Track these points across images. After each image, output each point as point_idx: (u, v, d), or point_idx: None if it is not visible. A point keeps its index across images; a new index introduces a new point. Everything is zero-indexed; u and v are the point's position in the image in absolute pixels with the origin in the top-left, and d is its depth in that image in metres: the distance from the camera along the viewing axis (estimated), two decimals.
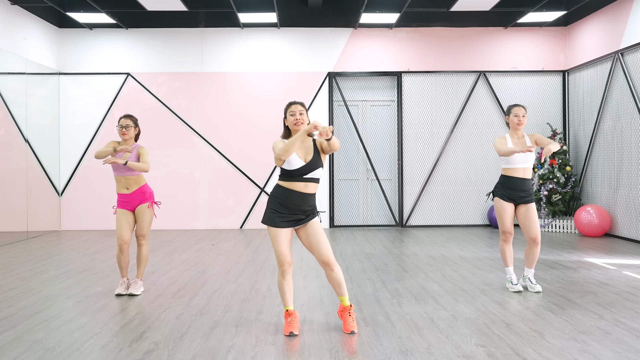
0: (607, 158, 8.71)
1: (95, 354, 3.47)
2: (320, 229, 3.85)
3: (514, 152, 4.83)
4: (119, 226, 4.97)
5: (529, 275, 5.07)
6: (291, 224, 3.81)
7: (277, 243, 3.79)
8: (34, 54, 9.08)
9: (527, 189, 4.98)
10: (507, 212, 4.99)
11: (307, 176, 3.78)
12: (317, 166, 3.81)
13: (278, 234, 3.78)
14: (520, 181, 4.96)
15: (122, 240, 4.96)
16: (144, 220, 5.02)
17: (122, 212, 5.00)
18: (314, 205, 3.88)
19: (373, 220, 10.17)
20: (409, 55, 10.00)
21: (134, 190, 4.98)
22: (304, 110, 3.85)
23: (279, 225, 3.78)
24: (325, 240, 3.83)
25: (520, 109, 4.99)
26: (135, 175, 4.98)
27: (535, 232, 4.92)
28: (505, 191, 5.00)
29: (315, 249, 3.81)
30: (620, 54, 8.30)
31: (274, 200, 3.84)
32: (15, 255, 7.20)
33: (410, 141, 10.02)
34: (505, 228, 5.01)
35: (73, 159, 9.87)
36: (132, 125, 5.00)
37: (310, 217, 3.84)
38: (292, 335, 3.79)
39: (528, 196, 4.97)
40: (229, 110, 9.92)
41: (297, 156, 3.77)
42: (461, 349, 3.51)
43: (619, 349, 3.48)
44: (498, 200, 5.04)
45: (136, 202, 5.01)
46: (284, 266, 3.79)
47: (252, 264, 6.48)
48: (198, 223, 9.90)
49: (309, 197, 3.81)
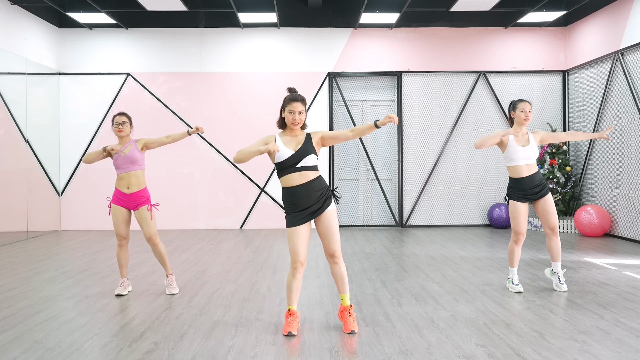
0: (607, 158, 8.71)
1: (95, 354, 3.47)
2: (334, 219, 3.83)
3: (494, 139, 4.85)
4: (116, 222, 4.92)
5: (558, 273, 5.02)
6: (308, 218, 3.80)
7: (293, 242, 3.79)
8: (34, 54, 9.09)
9: (539, 183, 4.92)
10: (521, 213, 4.93)
11: (299, 165, 3.76)
12: (308, 153, 3.78)
13: (294, 233, 3.79)
14: (528, 179, 4.91)
15: (122, 236, 4.93)
16: (148, 222, 4.95)
17: (118, 208, 4.93)
18: (323, 188, 3.82)
19: (373, 220, 10.17)
20: (409, 55, 10.00)
21: (133, 191, 4.93)
22: (303, 110, 3.82)
23: (296, 224, 3.79)
24: (336, 233, 3.83)
25: (527, 104, 4.96)
26: (139, 171, 4.96)
27: (553, 222, 4.90)
28: (518, 192, 4.96)
29: (325, 239, 3.83)
30: (620, 54, 8.30)
31: (285, 203, 3.87)
32: (15, 255, 7.20)
33: (410, 141, 10.02)
34: (518, 229, 4.95)
35: (73, 159, 9.87)
36: (127, 122, 4.99)
37: (327, 203, 3.81)
38: (291, 335, 3.79)
39: (542, 189, 4.92)
40: (229, 110, 9.92)
41: (287, 147, 3.78)
42: (461, 349, 3.51)
43: (619, 349, 3.48)
44: (513, 203, 4.98)
45: (132, 205, 4.95)
46: (296, 264, 3.79)
47: (252, 264, 6.48)
48: (198, 223, 9.91)
49: (311, 184, 3.77)
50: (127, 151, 4.93)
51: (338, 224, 3.90)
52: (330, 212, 3.83)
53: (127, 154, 4.91)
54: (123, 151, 4.91)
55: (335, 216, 3.86)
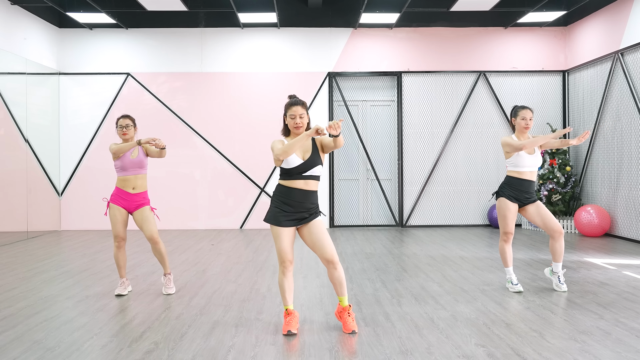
0: (607, 158, 8.71)
1: (95, 354, 3.47)
2: (323, 227, 3.86)
3: (525, 146, 4.82)
4: (115, 223, 4.89)
5: (558, 273, 5.03)
6: (294, 223, 3.81)
7: (280, 241, 3.79)
8: (34, 54, 9.09)
9: (533, 191, 5.01)
10: (512, 212, 4.97)
11: (307, 174, 3.79)
12: (316, 164, 3.81)
13: (280, 233, 3.79)
14: (528, 183, 4.97)
15: (120, 237, 4.91)
16: (150, 221, 4.94)
17: (117, 208, 4.90)
18: (316, 203, 3.88)
19: (373, 220, 10.17)
20: (409, 55, 10.00)
21: (139, 192, 4.93)
22: (304, 113, 3.83)
23: (282, 224, 3.79)
24: (329, 239, 3.84)
25: (528, 112, 4.96)
26: (144, 175, 4.98)
27: (556, 224, 4.91)
28: (512, 191, 4.98)
29: (319, 247, 3.81)
30: (620, 54, 8.30)
31: (277, 199, 3.85)
32: (15, 255, 7.20)
33: (410, 141, 10.02)
34: (507, 229, 4.99)
35: (73, 159, 9.87)
36: (131, 125, 4.99)
37: (314, 215, 3.85)
38: (290, 334, 3.79)
39: (532, 197, 5.00)
40: (229, 110, 9.92)
41: (296, 155, 3.77)
42: (461, 349, 3.51)
43: (619, 349, 3.48)
44: (503, 201, 4.99)
45: (133, 206, 4.93)
46: (285, 264, 3.79)
47: (252, 264, 6.48)
48: (198, 223, 9.90)
49: (310, 194, 3.81)
50: (135, 155, 4.93)
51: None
52: (319, 221, 3.86)
53: (136, 157, 4.91)
54: (132, 154, 4.91)
55: (323, 224, 3.89)
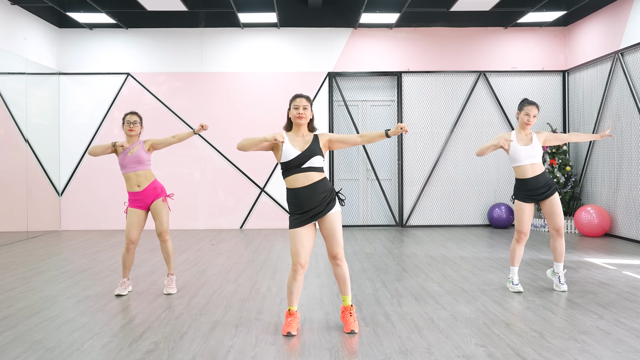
0: (607, 158, 8.71)
1: (95, 354, 3.47)
2: (337, 222, 3.83)
3: (489, 149, 4.82)
4: (129, 226, 4.91)
5: (559, 273, 5.03)
6: (310, 220, 3.79)
7: (293, 243, 3.80)
8: (34, 54, 9.08)
9: (545, 184, 4.91)
10: (525, 213, 4.95)
11: (305, 165, 3.77)
12: (314, 154, 3.78)
13: (295, 235, 3.79)
14: (533, 180, 4.90)
15: (131, 240, 4.91)
16: (162, 216, 4.96)
17: (134, 211, 4.93)
18: (327, 189, 3.81)
19: (373, 220, 10.17)
20: (409, 55, 10.00)
21: (145, 187, 4.93)
22: (308, 105, 3.86)
23: (298, 226, 3.79)
24: (339, 235, 3.83)
25: (533, 109, 4.93)
26: (145, 170, 4.95)
27: (559, 223, 4.90)
28: (523, 193, 4.96)
29: (328, 241, 3.84)
30: (620, 54, 8.30)
31: (289, 205, 3.87)
32: (15, 255, 7.20)
33: (410, 141, 10.02)
34: (521, 228, 4.96)
35: (73, 159, 9.87)
36: (138, 122, 5.00)
37: (331, 205, 3.80)
38: (290, 335, 3.79)
39: (548, 189, 4.91)
40: (229, 110, 9.92)
41: (293, 147, 3.79)
42: (461, 349, 3.51)
43: (619, 349, 3.48)
44: (518, 203, 5.01)
45: (149, 200, 4.95)
46: (296, 266, 3.79)
47: (252, 264, 6.48)
48: (198, 223, 9.90)
49: (315, 186, 3.77)
50: (134, 151, 4.93)
51: (341, 226, 3.88)
52: (334, 215, 3.82)
53: (134, 154, 4.92)
54: (131, 150, 4.91)
55: (339, 218, 3.86)
